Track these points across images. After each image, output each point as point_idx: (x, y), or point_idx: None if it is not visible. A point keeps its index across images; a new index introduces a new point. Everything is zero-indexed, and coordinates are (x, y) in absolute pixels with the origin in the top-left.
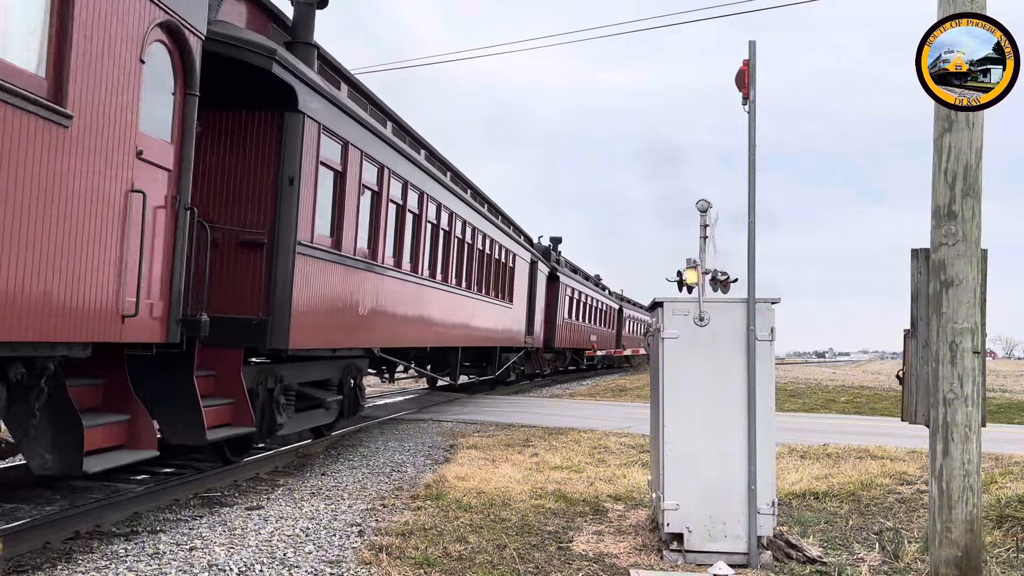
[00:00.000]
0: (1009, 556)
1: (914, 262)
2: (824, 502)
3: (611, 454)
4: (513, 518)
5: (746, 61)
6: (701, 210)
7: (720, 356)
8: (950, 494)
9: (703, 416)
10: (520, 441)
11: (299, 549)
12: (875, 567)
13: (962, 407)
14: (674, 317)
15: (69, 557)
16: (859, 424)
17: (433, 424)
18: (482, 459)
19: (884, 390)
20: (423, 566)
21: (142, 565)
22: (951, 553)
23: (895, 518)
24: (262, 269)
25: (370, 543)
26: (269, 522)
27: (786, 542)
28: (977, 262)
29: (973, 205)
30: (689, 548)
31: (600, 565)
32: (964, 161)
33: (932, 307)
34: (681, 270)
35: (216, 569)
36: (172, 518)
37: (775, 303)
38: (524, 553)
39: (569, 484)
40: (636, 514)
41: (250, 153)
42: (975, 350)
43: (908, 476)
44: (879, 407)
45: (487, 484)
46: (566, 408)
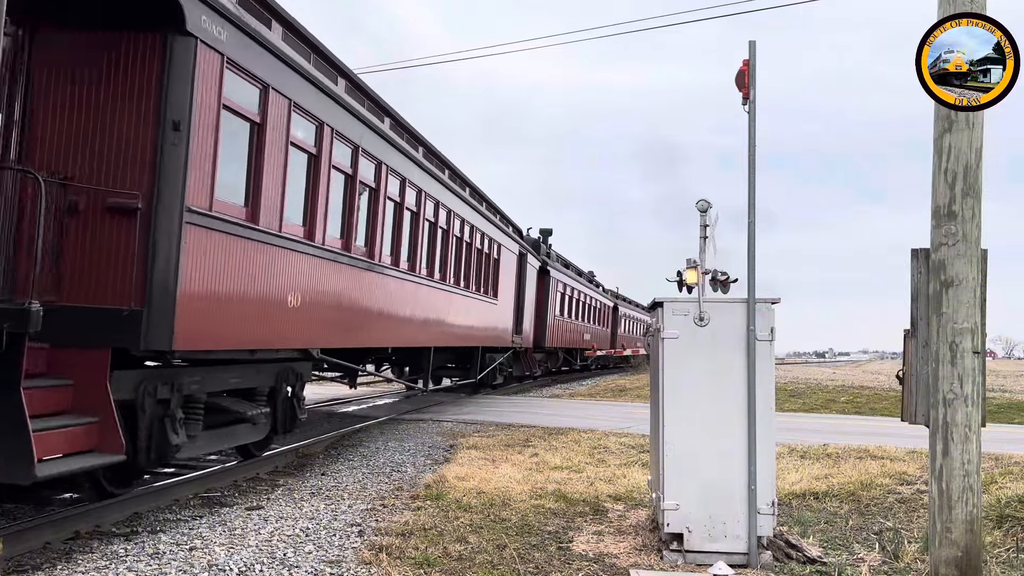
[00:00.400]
0: (1009, 556)
1: (914, 262)
2: (824, 502)
3: (611, 454)
4: (513, 518)
5: (746, 61)
6: (701, 210)
7: (720, 356)
8: (950, 494)
9: (703, 416)
10: (520, 441)
11: (299, 549)
12: (875, 567)
13: (962, 407)
14: (674, 317)
15: (69, 557)
16: (859, 424)
17: (433, 424)
18: (482, 459)
19: (884, 390)
20: (423, 566)
21: (142, 565)
22: (951, 553)
23: (895, 518)
24: (135, 243)
25: (370, 543)
26: (269, 522)
27: (786, 542)
28: (977, 262)
29: (973, 205)
30: (689, 548)
31: (600, 565)
32: (964, 161)
33: (932, 307)
34: (681, 270)
35: (216, 569)
36: (172, 518)
37: (775, 303)
38: (524, 553)
39: (569, 484)
40: (636, 514)
41: (121, 89)
42: (975, 350)
43: (908, 476)
44: (879, 407)
45: (487, 484)
46: (566, 408)
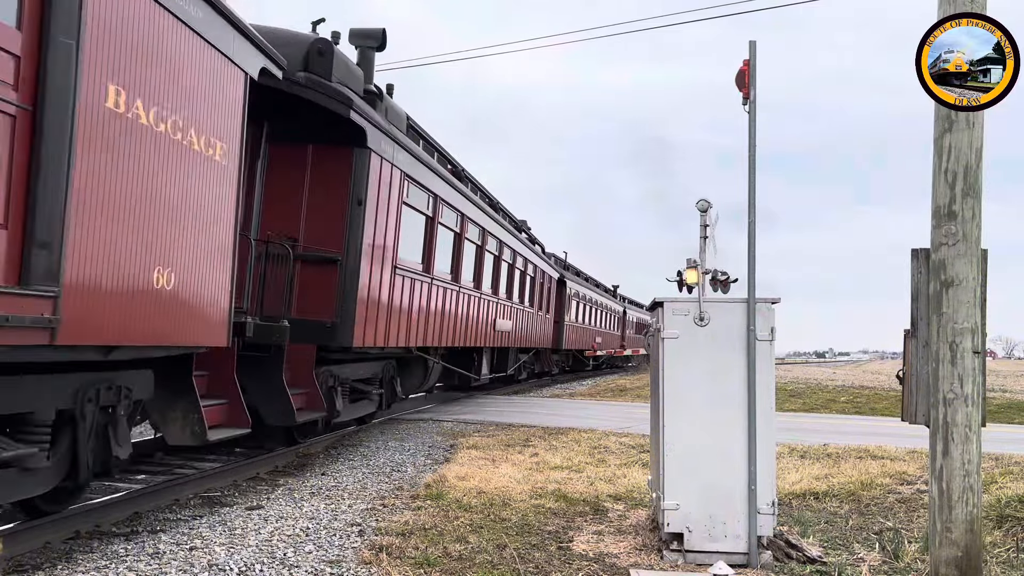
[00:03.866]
0: (1009, 556)
1: (914, 262)
2: (824, 502)
3: (611, 454)
4: (513, 518)
5: (746, 61)
6: (701, 210)
7: (720, 356)
8: (950, 494)
9: (703, 416)
10: (520, 441)
11: (299, 549)
12: (875, 567)
13: (962, 407)
14: (674, 317)
15: (69, 557)
16: (859, 424)
17: (433, 424)
18: (482, 459)
19: (884, 390)
20: (423, 566)
21: (142, 565)
22: (951, 553)
23: (895, 518)
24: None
25: (370, 543)
26: (269, 522)
27: (786, 542)
28: (977, 262)
29: (973, 205)
30: (689, 548)
31: (600, 565)
32: (964, 161)
33: (932, 307)
34: (681, 270)
35: (216, 569)
36: (172, 518)
37: (775, 303)
38: (524, 553)
39: (569, 484)
40: (636, 514)
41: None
42: (975, 350)
43: (908, 476)
44: (879, 407)
45: (487, 484)
46: (566, 408)
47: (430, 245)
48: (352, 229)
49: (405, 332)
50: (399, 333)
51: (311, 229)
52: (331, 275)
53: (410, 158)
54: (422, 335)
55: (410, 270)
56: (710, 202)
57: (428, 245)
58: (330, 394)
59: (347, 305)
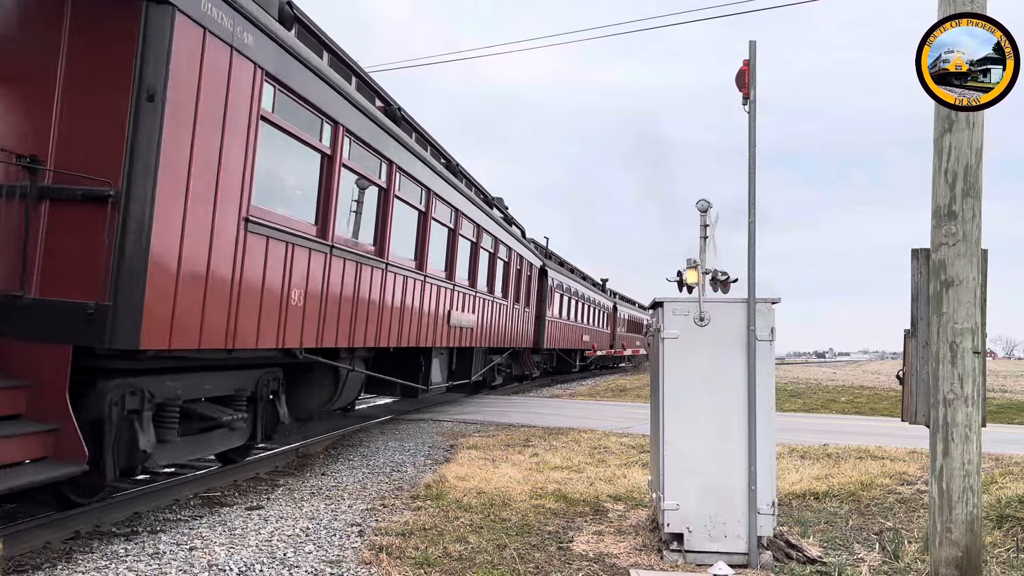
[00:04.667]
0: (1009, 556)
1: (914, 262)
2: (824, 502)
3: (611, 454)
4: (513, 518)
5: (746, 61)
6: (701, 210)
7: (720, 356)
8: (950, 494)
9: (703, 416)
10: (520, 441)
11: (299, 549)
12: (875, 567)
13: (962, 407)
14: (674, 317)
15: (69, 557)
16: (859, 424)
17: (433, 424)
18: (482, 459)
19: (884, 390)
20: (423, 566)
21: (142, 565)
22: (951, 553)
23: (895, 518)
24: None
25: (370, 543)
26: (269, 522)
27: (786, 542)
28: (977, 262)
29: (973, 205)
30: (689, 548)
31: (600, 565)
32: (964, 161)
33: (932, 307)
34: (681, 270)
35: (216, 569)
36: (172, 518)
37: (775, 303)
38: (524, 553)
39: (569, 484)
40: (636, 514)
41: None
42: (975, 350)
43: (908, 476)
44: (879, 407)
45: (487, 484)
46: (566, 408)
47: (328, 198)
48: (139, 142)
49: (281, 326)
50: (267, 327)
51: (68, 141)
52: (98, 222)
53: (279, 51)
54: (319, 332)
55: (287, 230)
56: (710, 202)
57: (325, 197)
58: (125, 426)
59: (129, 276)
